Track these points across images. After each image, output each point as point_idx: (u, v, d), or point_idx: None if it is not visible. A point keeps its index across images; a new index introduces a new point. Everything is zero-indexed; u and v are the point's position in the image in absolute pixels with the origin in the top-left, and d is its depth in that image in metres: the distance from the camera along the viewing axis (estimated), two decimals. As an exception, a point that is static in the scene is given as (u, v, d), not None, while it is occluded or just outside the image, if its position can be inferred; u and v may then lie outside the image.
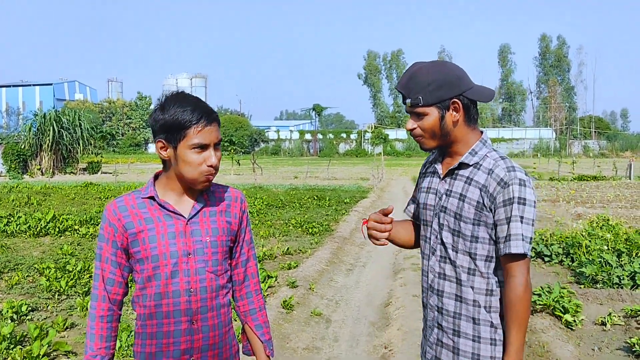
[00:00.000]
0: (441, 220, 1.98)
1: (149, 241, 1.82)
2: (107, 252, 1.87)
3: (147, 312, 1.84)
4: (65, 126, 31.10)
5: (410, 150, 69.21)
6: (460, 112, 1.91)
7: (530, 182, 1.87)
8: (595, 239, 7.87)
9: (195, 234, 1.86)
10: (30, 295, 6.15)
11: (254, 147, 72.18)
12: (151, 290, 1.83)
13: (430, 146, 1.98)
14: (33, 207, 14.34)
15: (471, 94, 1.91)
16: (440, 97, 1.88)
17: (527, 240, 1.83)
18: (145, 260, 1.83)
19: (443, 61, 1.98)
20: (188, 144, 1.77)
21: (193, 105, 1.79)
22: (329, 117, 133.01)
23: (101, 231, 1.88)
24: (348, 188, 20.58)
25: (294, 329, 5.29)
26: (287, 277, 6.85)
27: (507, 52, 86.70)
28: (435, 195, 2.03)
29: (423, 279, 2.10)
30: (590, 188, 19.83)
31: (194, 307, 1.85)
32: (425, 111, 1.90)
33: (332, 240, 9.64)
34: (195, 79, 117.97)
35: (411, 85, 1.91)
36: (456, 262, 1.93)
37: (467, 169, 1.94)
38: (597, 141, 70.55)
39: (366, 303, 6.31)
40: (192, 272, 1.85)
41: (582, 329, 5.22)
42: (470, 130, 1.97)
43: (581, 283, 6.63)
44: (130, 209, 1.85)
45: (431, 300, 2.03)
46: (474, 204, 1.88)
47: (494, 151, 1.95)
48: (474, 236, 1.89)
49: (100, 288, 1.87)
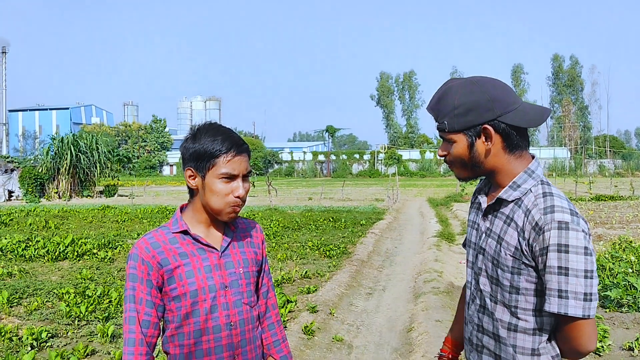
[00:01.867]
0: (479, 264, 1.72)
1: (186, 277, 1.78)
2: (142, 292, 1.77)
3: (185, 352, 1.79)
4: (83, 150, 31.44)
5: (424, 171, 69.12)
6: (495, 139, 1.61)
7: (577, 222, 1.50)
8: (618, 262, 7.73)
9: (229, 266, 1.85)
10: (49, 322, 6.14)
11: (268, 168, 72.44)
12: (189, 327, 1.78)
13: (464, 176, 1.72)
14: (51, 230, 14.42)
15: (510, 118, 1.59)
16: (468, 123, 1.60)
17: (578, 297, 1.47)
18: (182, 296, 1.77)
19: (479, 78, 1.65)
20: (216, 173, 1.76)
21: (224, 136, 1.78)
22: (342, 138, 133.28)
23: (132, 270, 1.77)
24: (363, 209, 20.50)
25: (315, 355, 5.22)
26: (307, 302, 6.79)
27: (520, 72, 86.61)
28: (477, 231, 1.76)
29: (464, 328, 1.84)
30: (609, 208, 19.57)
31: (235, 341, 1.83)
32: (453, 138, 1.65)
33: (350, 263, 9.57)
34: (210, 101, 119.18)
35: (440, 107, 1.66)
36: (495, 314, 1.65)
37: (508, 206, 1.64)
38: (613, 160, 69.92)
39: (388, 328, 6.22)
40: (230, 305, 1.82)
41: (609, 354, 5.10)
42: (514, 158, 1.65)
43: (606, 307, 6.50)
44: (163, 245, 1.80)
45: (471, 356, 1.78)
46: (511, 250, 1.58)
47: (540, 185, 1.62)
48: (514, 287, 1.59)
49: (137, 331, 1.76)
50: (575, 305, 1.47)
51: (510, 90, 1.65)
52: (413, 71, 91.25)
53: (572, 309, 1.47)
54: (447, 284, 7.87)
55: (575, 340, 1.53)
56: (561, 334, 1.57)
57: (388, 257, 10.95)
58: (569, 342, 1.55)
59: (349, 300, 7.38)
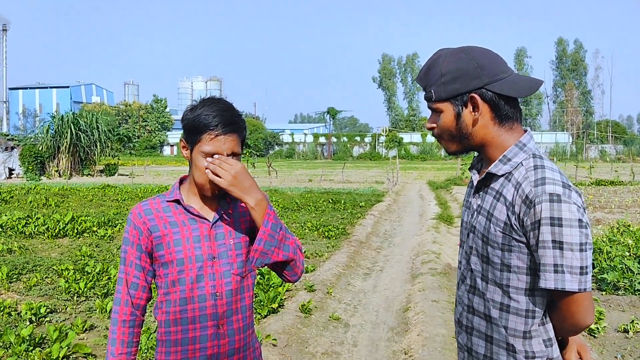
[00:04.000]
0: (470, 243, 1.66)
1: (174, 245, 1.81)
2: (132, 255, 1.85)
3: (171, 319, 1.82)
4: (83, 128, 31.39)
5: (425, 154, 69.02)
6: (482, 109, 1.55)
7: (569, 195, 1.44)
8: (616, 245, 7.76)
9: (219, 237, 1.85)
10: (49, 297, 6.18)
11: (269, 150, 72.36)
12: (175, 295, 1.81)
13: (453, 149, 1.66)
14: (51, 208, 14.45)
15: (499, 86, 1.53)
16: (455, 91, 1.55)
17: (574, 271, 1.43)
18: (169, 264, 1.81)
19: (469, 47, 1.59)
20: (199, 150, 1.77)
21: (216, 112, 1.77)
22: (343, 121, 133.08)
23: (126, 234, 1.86)
24: (363, 191, 20.52)
25: (312, 333, 5.26)
26: (305, 281, 6.82)
27: (523, 55, 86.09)
28: (469, 210, 1.71)
29: (455, 309, 1.78)
30: (608, 193, 19.57)
31: (220, 311, 1.83)
32: (440, 107, 1.60)
33: (349, 244, 9.60)
34: (211, 82, 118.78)
35: (428, 76, 1.60)
36: (486, 294, 1.59)
37: (498, 181, 1.58)
38: (614, 146, 69.78)
39: (385, 308, 6.26)
40: (217, 275, 1.83)
41: (604, 336, 5.13)
42: (505, 130, 1.59)
43: (603, 290, 6.53)
44: (155, 212, 1.85)
45: (460, 337, 1.73)
46: (500, 226, 1.53)
47: (532, 158, 1.56)
48: (505, 264, 1.53)
49: (124, 292, 1.84)
50: (572, 279, 1.42)
51: (500, 59, 1.59)
52: (416, 53, 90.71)
53: (568, 283, 1.43)
54: (444, 265, 7.90)
55: (573, 315, 1.49)
56: (558, 311, 1.52)
57: (386, 238, 10.98)
58: (567, 318, 1.51)
59: (346, 280, 7.42)
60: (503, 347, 1.58)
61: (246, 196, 1.74)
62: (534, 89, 1.56)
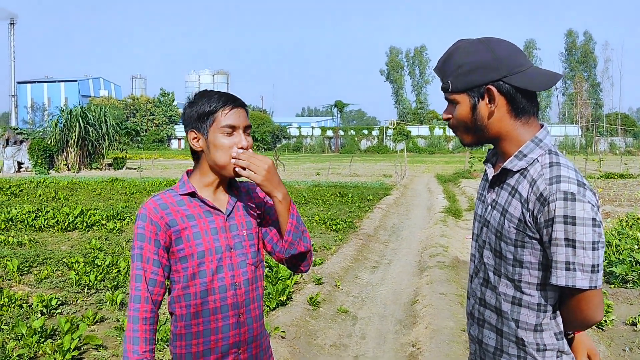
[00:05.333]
0: (484, 237, 1.67)
1: (193, 238, 1.82)
2: (149, 251, 1.81)
3: (192, 312, 1.83)
4: (91, 122, 31.53)
5: (433, 147, 68.79)
6: (499, 101, 1.55)
7: (584, 194, 1.45)
8: (625, 238, 7.73)
9: (233, 228, 1.89)
10: (59, 289, 6.24)
11: (276, 143, 72.38)
12: (195, 288, 1.82)
13: (468, 141, 1.66)
14: (60, 202, 14.55)
15: (516, 79, 1.52)
16: (471, 83, 1.55)
17: (586, 269, 1.44)
18: (189, 257, 1.82)
19: (489, 38, 1.59)
20: (218, 128, 1.81)
21: (218, 95, 1.85)
22: (351, 114, 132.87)
23: (140, 230, 1.82)
24: (371, 185, 20.52)
25: (320, 325, 5.29)
26: (313, 274, 6.85)
27: (533, 47, 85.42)
28: (483, 204, 1.71)
29: (467, 302, 1.80)
30: (618, 186, 19.47)
31: (240, 300, 1.87)
32: (456, 99, 1.60)
33: (357, 237, 9.62)
34: (218, 75, 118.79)
35: (445, 67, 1.60)
36: (498, 288, 1.61)
37: (514, 177, 1.58)
38: (624, 138, 69.29)
39: (392, 300, 6.28)
40: (235, 266, 1.87)
41: (612, 329, 5.14)
42: (521, 124, 1.59)
43: (611, 283, 6.52)
44: (171, 207, 1.84)
45: (472, 330, 1.75)
46: (514, 222, 1.53)
47: (548, 154, 1.55)
48: (518, 260, 1.55)
49: (143, 289, 1.80)
50: (583, 277, 1.43)
51: (519, 51, 1.58)
52: (424, 46, 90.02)
53: (579, 281, 1.44)
54: (452, 258, 7.91)
55: (583, 311, 1.51)
56: (568, 306, 1.54)
57: (394, 231, 10.99)
58: (577, 313, 1.53)
59: (354, 273, 7.44)
60: (513, 341, 1.59)
61: (276, 190, 1.82)
62: (553, 82, 1.55)
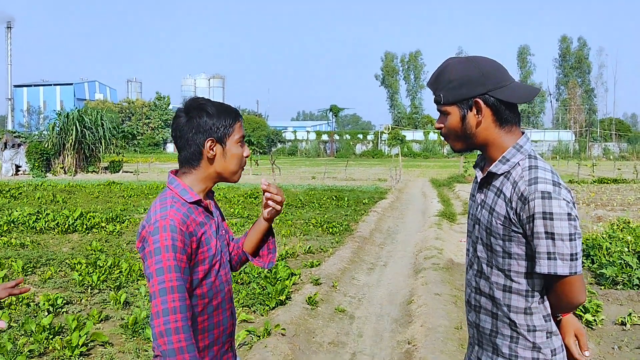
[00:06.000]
0: (476, 234, 1.88)
1: (205, 243, 1.94)
2: (181, 261, 1.82)
3: (199, 310, 1.93)
4: (88, 126, 31.59)
5: (428, 152, 69.12)
6: (485, 113, 1.76)
7: (559, 192, 1.65)
8: (615, 241, 7.92)
9: (219, 230, 2.07)
10: (63, 289, 6.38)
11: (271, 147, 72.51)
12: (202, 289, 1.93)
13: (458, 148, 1.89)
14: (59, 204, 14.66)
15: (500, 93, 1.74)
16: (461, 96, 1.76)
17: (565, 258, 1.64)
18: (201, 262, 1.92)
19: (475, 57, 1.82)
20: (235, 139, 1.98)
21: (230, 108, 2.03)
22: (346, 118, 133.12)
23: (173, 242, 1.80)
24: (366, 189, 20.69)
25: (319, 324, 5.45)
26: (311, 275, 7.01)
27: (527, 53, 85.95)
28: (475, 203, 1.93)
29: (465, 291, 2.01)
30: (611, 191, 19.70)
31: (231, 295, 2.07)
32: (447, 110, 1.81)
33: (353, 240, 9.78)
34: (213, 79, 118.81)
35: (438, 81, 1.82)
36: (491, 278, 1.82)
37: (499, 179, 1.80)
38: (618, 144, 69.73)
39: (388, 301, 6.45)
40: (225, 264, 2.05)
41: (602, 328, 5.31)
42: (504, 132, 1.80)
43: (601, 284, 6.69)
44: (190, 216, 1.91)
45: (470, 316, 1.96)
46: (501, 219, 1.75)
47: (528, 158, 1.77)
48: (506, 252, 1.76)
49: (186, 298, 1.81)
50: (563, 265, 1.63)
51: (503, 69, 1.80)
52: (419, 51, 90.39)
53: (560, 268, 1.64)
54: (447, 260, 8.08)
55: (566, 295, 1.71)
56: (553, 291, 1.74)
57: (390, 234, 11.16)
58: (562, 297, 1.73)
59: (351, 274, 7.60)
60: (506, 323, 1.80)
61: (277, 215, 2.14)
62: (532, 96, 1.78)
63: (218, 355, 2.01)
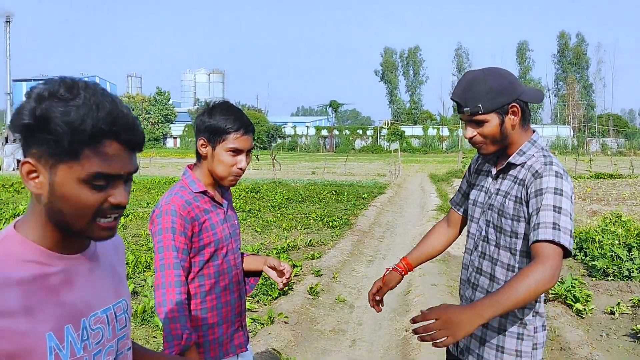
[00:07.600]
0: (488, 218, 2.08)
1: (210, 228, 2.17)
2: (181, 242, 2.07)
3: (206, 290, 2.18)
4: (89, 121, 31.68)
5: (427, 147, 69.32)
6: (518, 115, 1.99)
7: (567, 178, 1.91)
8: (607, 234, 8.14)
9: (230, 219, 2.29)
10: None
11: (271, 142, 72.69)
12: (209, 270, 2.18)
13: (491, 151, 2.05)
14: (62, 199, 14.83)
15: (525, 96, 1.99)
16: (500, 103, 1.94)
17: (564, 230, 1.80)
18: (207, 245, 2.16)
19: (495, 68, 2.04)
20: (226, 147, 2.14)
21: (236, 116, 2.16)
22: (345, 114, 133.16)
23: (171, 224, 2.06)
24: (365, 184, 20.91)
25: (320, 313, 5.68)
26: (312, 267, 7.24)
27: (525, 49, 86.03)
28: (486, 194, 2.13)
29: (462, 272, 2.23)
30: (607, 186, 19.93)
31: (239, 278, 2.31)
32: (486, 118, 1.96)
33: (352, 233, 10.01)
34: (213, 74, 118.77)
35: (468, 95, 1.96)
36: (497, 258, 2.02)
37: (516, 169, 2.03)
38: (615, 139, 69.94)
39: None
40: (234, 250, 2.29)
41: (591, 317, 5.54)
42: (524, 131, 2.04)
43: (593, 276, 6.91)
44: (194, 203, 2.15)
45: (467, 292, 2.17)
46: (513, 199, 1.97)
47: (542, 151, 2.02)
48: (514, 232, 1.97)
49: (182, 275, 2.06)
50: (564, 237, 1.79)
51: (515, 76, 2.06)
52: (418, 47, 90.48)
53: (562, 239, 1.78)
54: (444, 253, 8.28)
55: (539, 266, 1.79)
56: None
57: (389, 228, 11.39)
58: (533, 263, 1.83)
59: (351, 266, 7.83)
60: None
61: None
62: (543, 96, 2.08)
63: (228, 332, 2.24)
